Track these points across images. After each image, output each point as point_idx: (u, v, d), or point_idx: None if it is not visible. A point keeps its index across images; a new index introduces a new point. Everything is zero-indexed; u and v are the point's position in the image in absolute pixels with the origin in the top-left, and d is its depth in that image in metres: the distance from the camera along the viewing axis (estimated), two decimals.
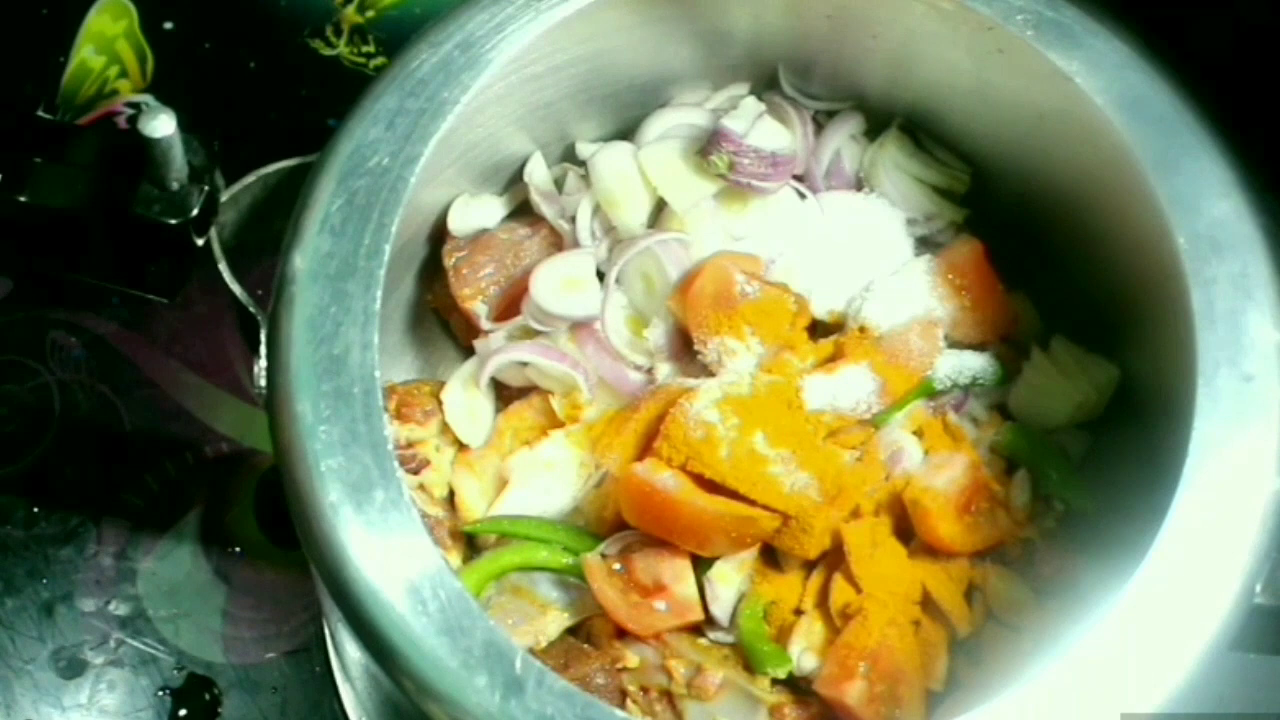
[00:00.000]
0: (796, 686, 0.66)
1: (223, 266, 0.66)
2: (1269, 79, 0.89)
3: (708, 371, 0.68)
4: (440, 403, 0.73)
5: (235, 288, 0.66)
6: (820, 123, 0.77)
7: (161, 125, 0.61)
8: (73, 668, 0.87)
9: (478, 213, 0.73)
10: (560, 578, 0.67)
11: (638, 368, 0.71)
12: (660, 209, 0.73)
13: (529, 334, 0.71)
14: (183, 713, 0.86)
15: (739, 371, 0.67)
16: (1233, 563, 0.58)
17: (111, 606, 0.88)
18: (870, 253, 0.72)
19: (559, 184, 0.75)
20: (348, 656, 0.74)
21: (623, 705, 0.65)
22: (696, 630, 0.67)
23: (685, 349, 0.70)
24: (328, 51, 1.04)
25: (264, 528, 0.91)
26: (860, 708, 0.63)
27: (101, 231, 0.66)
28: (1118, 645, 0.56)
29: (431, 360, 0.77)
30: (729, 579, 0.66)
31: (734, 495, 0.64)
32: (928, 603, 0.66)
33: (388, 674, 0.57)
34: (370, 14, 1.05)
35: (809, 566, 0.67)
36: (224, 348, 0.94)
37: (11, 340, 0.95)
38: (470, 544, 0.70)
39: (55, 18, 1.04)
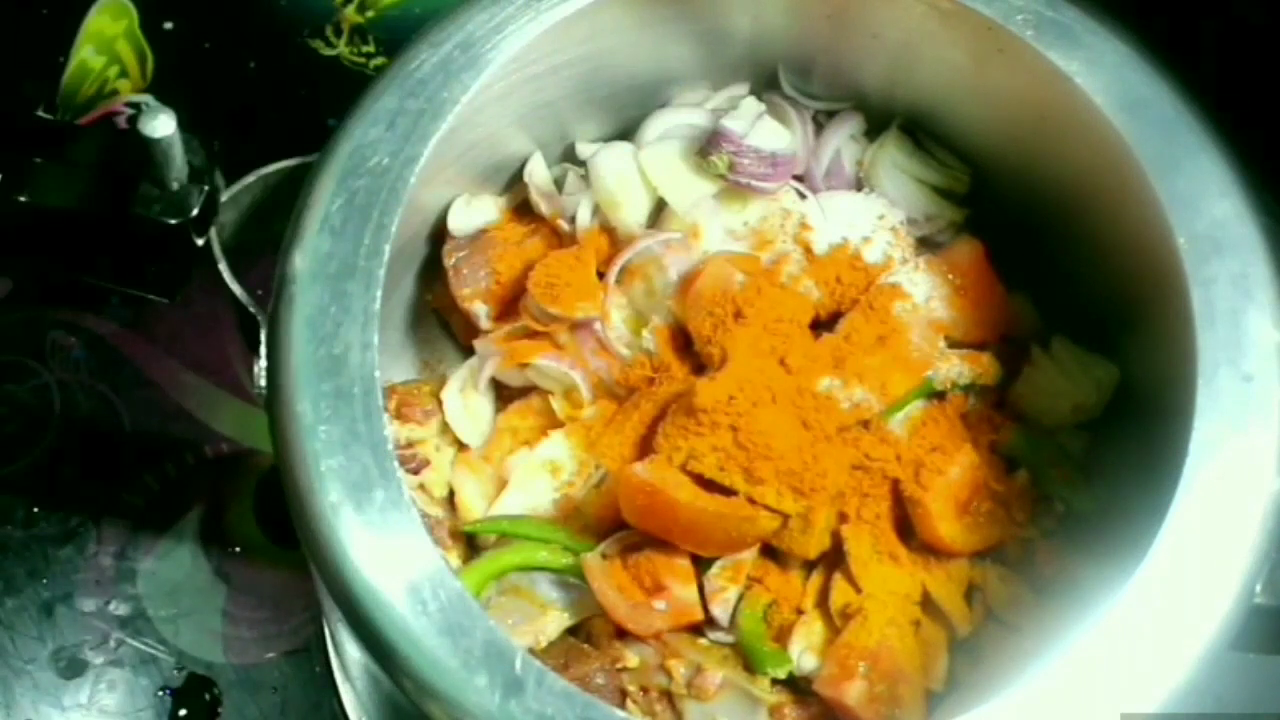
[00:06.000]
0: (796, 686, 0.66)
1: (223, 266, 0.66)
2: (1269, 79, 0.89)
3: (707, 371, 0.68)
4: (440, 403, 0.73)
5: (235, 288, 0.66)
6: (820, 123, 0.77)
7: (161, 125, 0.61)
8: (73, 668, 0.87)
9: (478, 213, 0.73)
10: (560, 578, 0.67)
11: (638, 368, 0.71)
12: (660, 209, 0.73)
13: (529, 334, 0.71)
14: (183, 713, 0.86)
15: (738, 371, 0.67)
16: (1233, 563, 0.58)
17: (111, 606, 0.88)
18: (870, 253, 0.72)
19: (559, 184, 0.75)
20: (348, 656, 0.74)
21: (623, 705, 0.65)
22: (696, 630, 0.67)
23: (685, 349, 0.70)
24: (328, 51, 1.04)
25: (264, 528, 0.91)
26: (860, 708, 0.63)
27: (101, 231, 0.66)
28: (1118, 645, 0.56)
29: (431, 360, 0.77)
30: (729, 579, 0.66)
31: (734, 495, 0.64)
32: (928, 603, 0.66)
33: (388, 674, 0.57)
34: (370, 14, 1.05)
35: (809, 566, 0.67)
36: (224, 348, 0.94)
37: (11, 340, 0.95)
38: (470, 544, 0.70)
39: (55, 18, 1.04)
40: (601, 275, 0.72)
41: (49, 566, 0.89)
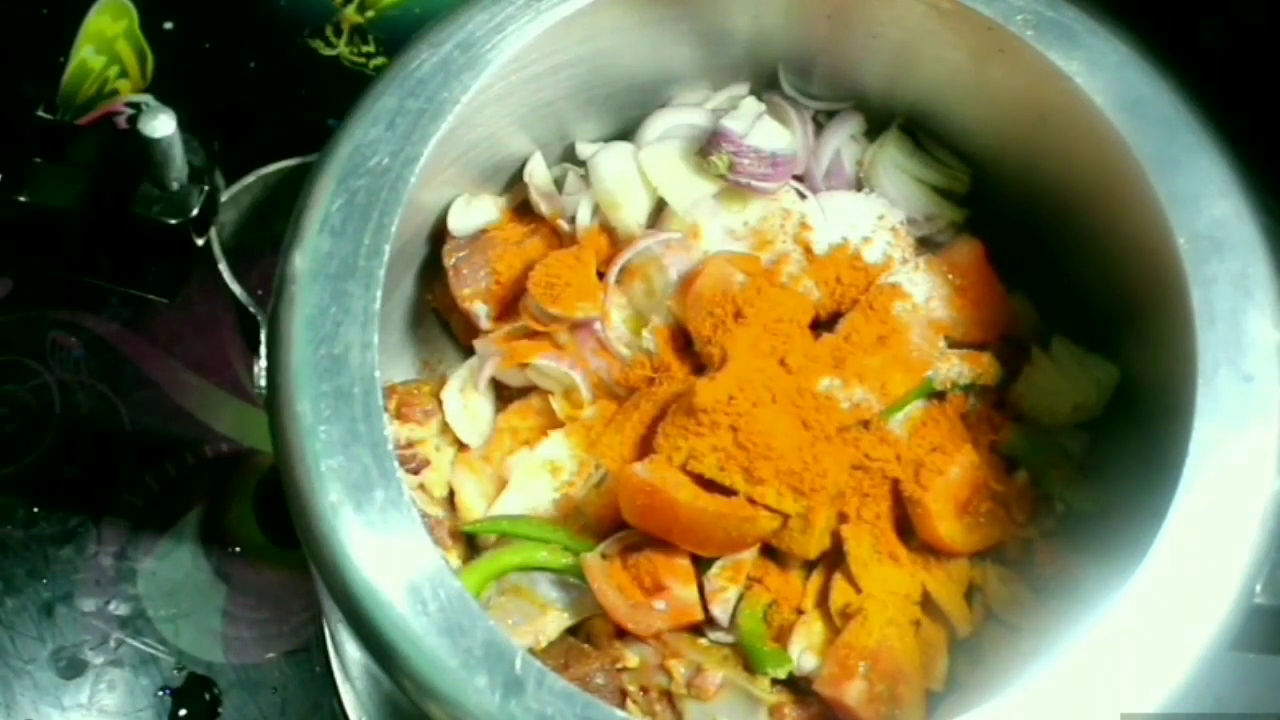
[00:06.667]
0: (796, 686, 0.66)
1: (223, 266, 0.66)
2: (1269, 79, 0.89)
3: (707, 371, 0.68)
4: (440, 403, 0.73)
5: (235, 288, 0.66)
6: (820, 123, 0.77)
7: (161, 125, 0.61)
8: (73, 668, 0.87)
9: (478, 213, 0.73)
10: (560, 578, 0.67)
11: (638, 368, 0.71)
12: (660, 209, 0.73)
13: (529, 334, 0.71)
14: (183, 713, 0.86)
15: (738, 371, 0.67)
16: (1233, 563, 0.58)
17: (111, 606, 0.88)
18: (870, 253, 0.72)
19: (559, 184, 0.75)
20: (348, 656, 0.74)
21: (623, 705, 0.65)
22: (696, 630, 0.67)
23: (685, 349, 0.70)
24: (328, 51, 1.04)
25: (264, 528, 0.91)
26: (860, 708, 0.63)
27: (102, 231, 0.66)
28: (1118, 645, 0.56)
29: (431, 360, 0.77)
30: (729, 579, 0.66)
31: (734, 495, 0.64)
32: (928, 603, 0.66)
33: (388, 674, 0.57)
34: (370, 14, 1.05)
35: (809, 566, 0.67)
36: (224, 348, 0.94)
37: (11, 340, 0.95)
38: (470, 544, 0.70)
39: (55, 18, 1.04)
40: (601, 275, 0.72)
41: (49, 566, 0.89)
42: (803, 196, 0.74)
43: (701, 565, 0.66)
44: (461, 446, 0.73)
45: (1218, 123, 0.65)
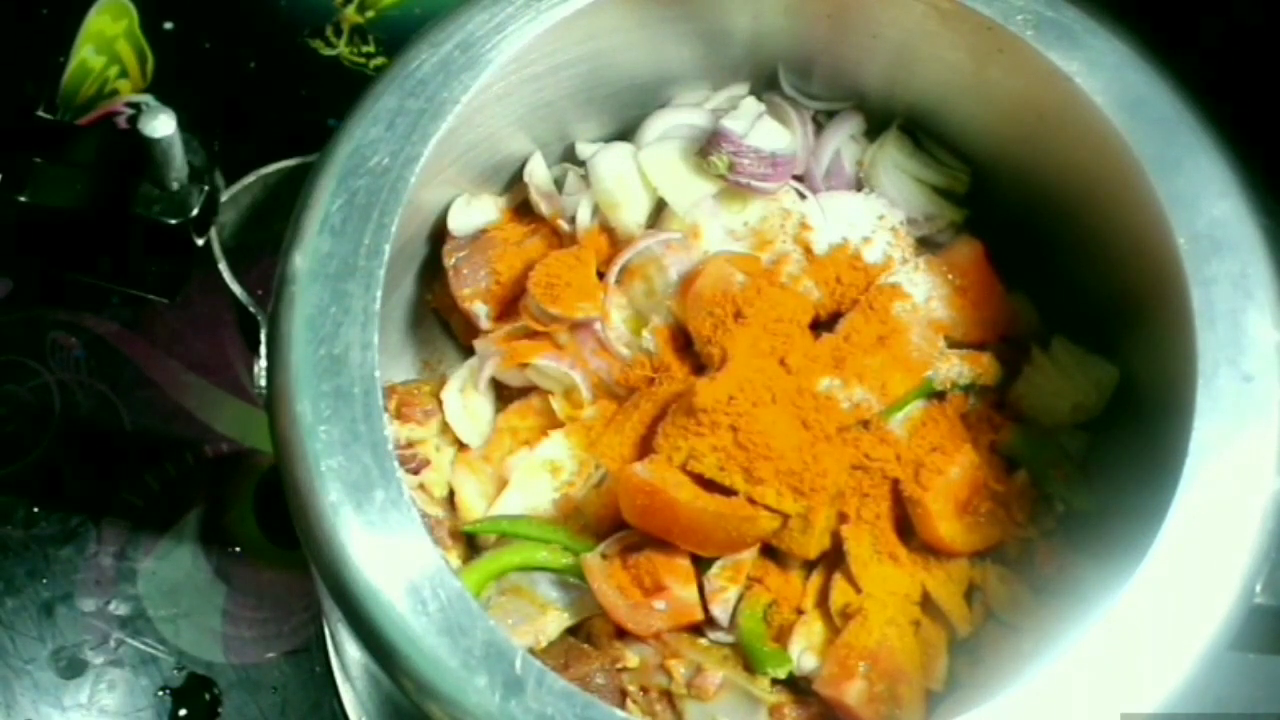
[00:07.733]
0: (796, 686, 0.66)
1: (223, 266, 0.66)
2: (1269, 79, 0.89)
3: (707, 371, 0.68)
4: (440, 403, 0.73)
5: (235, 288, 0.66)
6: (820, 123, 0.77)
7: (161, 125, 0.61)
8: (73, 668, 0.87)
9: (478, 213, 0.73)
10: (560, 578, 0.67)
11: (638, 368, 0.71)
12: (660, 209, 0.73)
13: (529, 334, 0.71)
14: (183, 713, 0.86)
15: (738, 371, 0.67)
16: (1233, 563, 0.58)
17: (111, 606, 0.88)
18: (870, 253, 0.72)
19: (559, 184, 0.75)
20: (348, 656, 0.74)
21: (623, 705, 0.65)
22: (696, 630, 0.67)
23: (685, 349, 0.70)
24: (328, 51, 1.04)
25: (264, 528, 0.91)
26: (860, 708, 0.63)
27: (101, 231, 0.66)
28: (1118, 645, 0.56)
29: (431, 360, 0.77)
30: (729, 579, 0.66)
31: (734, 495, 0.64)
32: (928, 603, 0.66)
33: (388, 674, 0.57)
34: (370, 14, 1.05)
35: (809, 566, 0.67)
36: (224, 348, 0.94)
37: (11, 340, 0.95)
38: (470, 544, 0.70)
39: (55, 18, 1.04)
40: (601, 275, 0.72)
41: (49, 566, 0.89)
42: (803, 196, 0.74)
43: (701, 565, 0.66)
44: (461, 446, 0.73)
45: (1217, 123, 0.65)
